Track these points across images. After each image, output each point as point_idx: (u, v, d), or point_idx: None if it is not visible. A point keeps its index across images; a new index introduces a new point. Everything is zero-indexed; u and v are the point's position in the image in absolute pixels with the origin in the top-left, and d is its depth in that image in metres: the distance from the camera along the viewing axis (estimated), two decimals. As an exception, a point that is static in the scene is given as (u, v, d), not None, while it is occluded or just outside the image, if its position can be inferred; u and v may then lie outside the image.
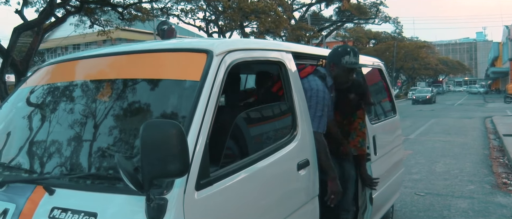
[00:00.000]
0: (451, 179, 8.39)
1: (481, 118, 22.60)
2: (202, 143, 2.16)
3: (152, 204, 1.90)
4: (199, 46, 2.60)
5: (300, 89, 3.24)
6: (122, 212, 2.04)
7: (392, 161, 5.00)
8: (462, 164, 9.75)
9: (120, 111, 2.57)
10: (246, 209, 2.46)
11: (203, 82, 2.32)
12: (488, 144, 13.21)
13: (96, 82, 2.79)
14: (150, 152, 1.80)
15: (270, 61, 3.11)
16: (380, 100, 5.38)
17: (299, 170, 2.99)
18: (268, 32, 28.57)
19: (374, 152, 4.30)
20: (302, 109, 3.16)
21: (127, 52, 2.91)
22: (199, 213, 2.11)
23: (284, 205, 2.84)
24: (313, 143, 3.24)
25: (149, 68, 2.64)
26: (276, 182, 2.78)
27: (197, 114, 2.20)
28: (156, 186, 1.96)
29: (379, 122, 4.79)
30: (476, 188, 7.60)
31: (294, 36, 29.37)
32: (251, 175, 2.50)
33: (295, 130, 3.04)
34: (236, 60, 2.59)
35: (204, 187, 2.14)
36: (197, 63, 2.43)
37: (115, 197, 2.10)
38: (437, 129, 17.90)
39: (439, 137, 14.95)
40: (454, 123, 20.79)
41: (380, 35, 56.45)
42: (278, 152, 2.79)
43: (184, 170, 1.88)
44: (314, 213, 3.24)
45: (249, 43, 3.00)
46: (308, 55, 3.70)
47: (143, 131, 1.82)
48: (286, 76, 3.12)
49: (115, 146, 2.37)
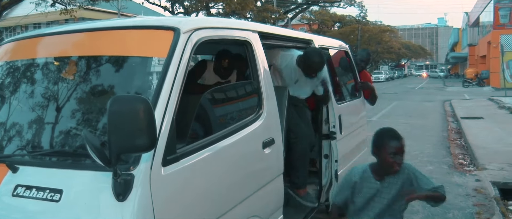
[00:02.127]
0: (412, 160, 8.61)
1: (441, 101, 23.23)
2: (169, 118, 2.17)
3: (119, 179, 1.91)
4: (166, 24, 2.59)
5: (266, 68, 3.27)
6: (88, 188, 2.04)
7: (356, 141, 5.12)
8: (422, 146, 10.04)
9: (87, 88, 2.55)
10: (212, 185, 2.49)
11: (169, 59, 2.31)
12: (447, 126, 13.63)
13: (61, 59, 2.74)
14: (118, 126, 1.80)
15: (236, 41, 3.12)
16: (345, 82, 5.48)
17: (265, 148, 3.04)
18: (234, 14, 28.43)
19: (339, 131, 4.39)
20: (267, 88, 3.19)
21: (93, 29, 2.86)
22: (166, 189, 2.13)
23: (249, 182, 2.88)
24: (278, 122, 3.29)
25: (115, 46, 2.62)
26: (242, 159, 2.82)
27: (164, 90, 2.21)
28: (123, 162, 1.97)
29: (345, 103, 4.89)
30: (434, 169, 7.87)
31: (260, 18, 29.32)
32: (217, 152, 2.53)
33: (260, 108, 3.08)
34: (203, 38, 2.59)
35: (170, 163, 2.16)
36: (164, 40, 2.42)
37: (81, 174, 2.09)
38: (399, 112, 18.31)
39: (400, 119, 15.29)
40: (415, 105, 21.31)
41: (345, 19, 57.05)
42: (243, 130, 2.83)
43: (151, 145, 1.89)
44: (278, 191, 3.30)
45: (216, 22, 3.00)
46: (275, 36, 3.72)
47: (111, 105, 1.81)
48: (252, 55, 3.14)
49: (82, 123, 2.36)
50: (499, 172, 7.35)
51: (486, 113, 16.46)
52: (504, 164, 7.84)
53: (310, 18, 51.22)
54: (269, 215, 3.15)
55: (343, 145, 4.49)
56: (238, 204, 2.70)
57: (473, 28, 54.17)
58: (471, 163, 8.42)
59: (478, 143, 9.89)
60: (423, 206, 5.61)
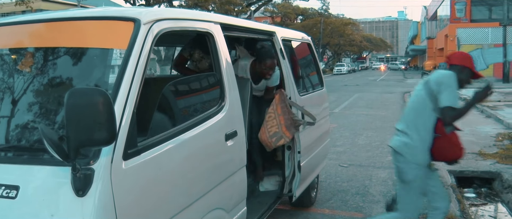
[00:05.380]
0: (373, 150, 8.81)
1: (401, 93, 23.76)
2: (129, 111, 2.13)
3: (78, 174, 1.86)
4: (126, 15, 2.53)
5: (228, 60, 3.26)
6: (46, 183, 1.99)
7: (319, 132, 5.17)
8: (383, 136, 10.25)
9: (44, 80, 2.47)
10: (175, 179, 2.46)
11: (130, 51, 2.27)
12: (407, 117, 13.93)
13: (17, 51, 2.65)
14: (76, 119, 1.76)
15: (198, 32, 3.08)
16: (308, 73, 5.52)
17: (227, 141, 3.03)
18: (197, 6, 28.18)
19: (302, 123, 4.41)
20: (230, 80, 3.18)
21: (51, 19, 2.76)
22: (127, 183, 2.09)
23: (212, 174, 2.87)
24: (241, 114, 3.29)
25: (74, 37, 2.54)
26: (205, 152, 2.80)
27: (124, 82, 2.16)
28: (82, 156, 1.92)
29: (307, 94, 4.92)
30: (395, 158, 8.02)
31: (223, 10, 29.16)
32: (179, 145, 2.51)
33: (223, 101, 3.07)
34: (164, 29, 2.55)
35: (131, 157, 2.12)
36: (124, 32, 2.37)
37: (39, 169, 2.03)
38: (361, 103, 18.64)
39: (362, 111, 15.59)
40: (376, 97, 21.73)
41: (307, 12, 57.40)
42: (206, 122, 2.81)
43: (111, 138, 1.85)
44: (242, 183, 3.31)
45: (177, 13, 2.96)
46: (237, 27, 3.71)
47: (69, 98, 1.76)
48: (215, 47, 3.12)
49: (39, 117, 2.29)
50: (456, 161, 7.58)
51: (443, 104, 16.92)
52: (460, 153, 8.09)
53: (273, 11, 51.31)
54: (232, 207, 3.15)
55: (306, 136, 4.53)
56: (201, 196, 2.69)
57: (431, 22, 55.64)
58: (429, 152, 8.64)
59: (436, 133, 10.16)
60: (384, 195, 5.75)
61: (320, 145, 5.29)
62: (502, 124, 11.16)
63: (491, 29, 35.22)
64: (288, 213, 5.20)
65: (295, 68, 4.66)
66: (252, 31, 4.03)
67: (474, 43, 35.70)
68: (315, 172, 5.25)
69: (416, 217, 3.59)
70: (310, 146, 4.75)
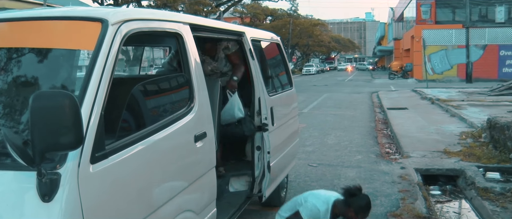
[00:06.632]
0: (341, 150, 8.92)
1: (369, 93, 24.12)
2: (96, 114, 2.09)
3: (44, 179, 1.81)
4: (93, 15, 2.48)
5: (197, 61, 3.24)
6: (10, 189, 1.93)
7: (288, 132, 5.20)
8: (351, 136, 10.39)
9: (7, 82, 2.41)
10: (144, 181, 2.44)
11: (97, 52, 2.22)
12: (374, 117, 14.18)
13: None
14: (41, 123, 1.71)
15: (167, 33, 3.06)
16: (278, 73, 5.54)
17: (196, 142, 3.02)
18: (166, 6, 27.97)
19: (272, 123, 4.44)
20: (199, 81, 3.17)
21: (15, 18, 2.67)
22: (95, 187, 2.06)
23: (182, 176, 2.86)
24: (210, 114, 3.27)
25: (39, 37, 2.48)
26: (174, 154, 2.78)
27: (91, 84, 2.12)
28: (48, 160, 1.87)
29: (277, 94, 4.94)
30: (363, 158, 8.16)
31: (192, 11, 29.02)
32: (148, 147, 2.48)
33: (192, 102, 3.05)
34: (132, 30, 2.51)
35: (99, 160, 2.09)
36: (91, 32, 2.32)
37: (1, 174, 1.97)
38: (330, 103, 18.83)
39: (331, 111, 15.75)
40: (344, 97, 21.99)
41: (276, 12, 57.58)
42: (175, 124, 2.79)
43: (77, 143, 1.81)
44: (211, 184, 3.30)
45: (146, 13, 2.92)
46: (206, 28, 3.69)
47: (33, 101, 1.72)
48: (183, 48, 3.10)
49: (2, 120, 2.22)
50: (422, 159, 7.76)
51: (410, 103, 17.32)
52: (426, 151, 8.29)
53: (242, 12, 51.32)
54: (202, 209, 3.13)
55: (275, 136, 4.55)
56: (170, 199, 2.67)
57: (398, 23, 56.57)
58: (396, 151, 8.82)
59: (403, 132, 10.37)
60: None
61: (290, 145, 5.32)
62: (466, 123, 11.44)
63: (455, 31, 36.18)
64: (258, 213, 5.21)
65: (264, 69, 4.67)
66: (221, 31, 4.02)
67: (439, 44, 36.63)
68: (284, 172, 5.28)
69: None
70: (279, 146, 4.77)
